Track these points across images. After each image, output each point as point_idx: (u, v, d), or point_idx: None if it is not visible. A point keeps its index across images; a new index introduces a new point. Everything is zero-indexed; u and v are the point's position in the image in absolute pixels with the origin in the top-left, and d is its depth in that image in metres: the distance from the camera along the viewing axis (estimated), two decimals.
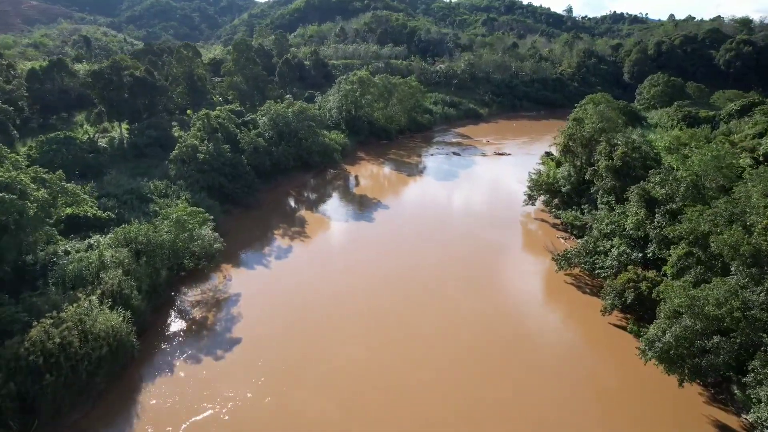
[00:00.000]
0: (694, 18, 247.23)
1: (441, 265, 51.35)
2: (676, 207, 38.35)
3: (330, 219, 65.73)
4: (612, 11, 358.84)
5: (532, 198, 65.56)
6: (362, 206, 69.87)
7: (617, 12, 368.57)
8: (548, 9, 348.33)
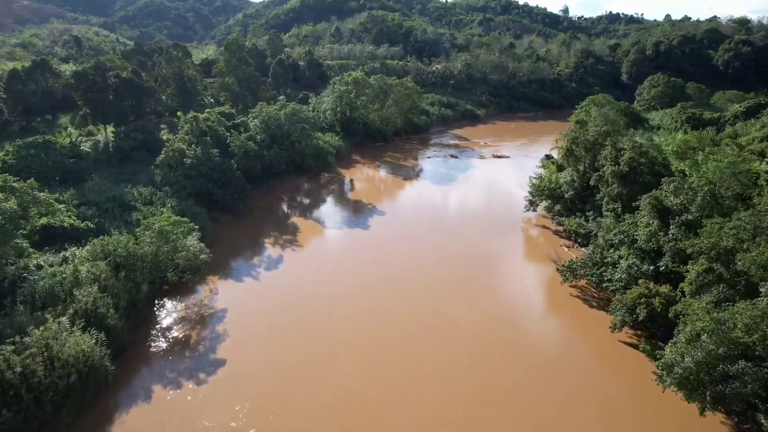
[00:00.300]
0: (691, 18, 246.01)
1: (439, 280, 48.00)
2: (692, 218, 35.79)
3: (323, 225, 63.03)
4: (608, 11, 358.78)
5: (534, 204, 62.82)
6: (357, 212, 67.17)
7: (613, 12, 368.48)
8: (545, 9, 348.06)
